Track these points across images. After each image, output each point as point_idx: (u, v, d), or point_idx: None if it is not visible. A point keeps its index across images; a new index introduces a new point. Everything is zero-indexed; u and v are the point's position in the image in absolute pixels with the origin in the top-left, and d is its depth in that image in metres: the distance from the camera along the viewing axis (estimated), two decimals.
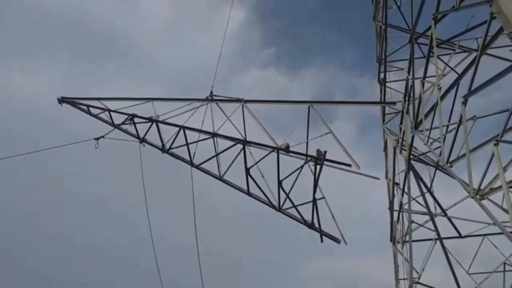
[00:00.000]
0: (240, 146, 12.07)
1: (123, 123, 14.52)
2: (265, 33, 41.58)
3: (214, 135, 12.95)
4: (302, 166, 10.86)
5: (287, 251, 30.01)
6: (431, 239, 12.25)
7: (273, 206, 11.57)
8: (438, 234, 11.59)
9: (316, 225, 10.91)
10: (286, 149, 11.33)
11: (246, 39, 39.15)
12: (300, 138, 11.75)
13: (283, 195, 11.26)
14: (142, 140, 14.28)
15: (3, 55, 34.40)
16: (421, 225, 12.96)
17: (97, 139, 14.67)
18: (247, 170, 11.77)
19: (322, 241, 10.82)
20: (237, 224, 29.48)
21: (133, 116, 14.35)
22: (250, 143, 12.06)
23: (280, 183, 11.12)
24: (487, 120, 10.70)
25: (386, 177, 14.87)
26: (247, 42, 39.21)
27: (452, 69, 10.55)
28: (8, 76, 32.78)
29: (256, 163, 11.69)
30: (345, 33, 41.27)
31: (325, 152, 10.50)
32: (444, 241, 11.64)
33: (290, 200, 11.15)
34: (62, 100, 15.61)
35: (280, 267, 30.18)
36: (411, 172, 11.85)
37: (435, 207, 13.12)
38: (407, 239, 12.01)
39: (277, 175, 11.15)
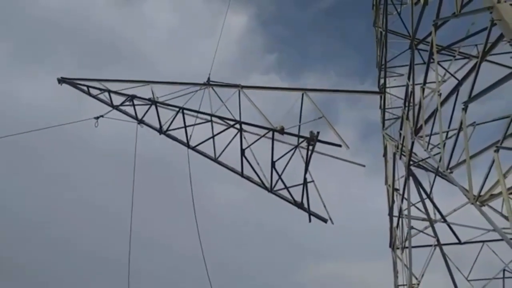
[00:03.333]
0: (235, 131, 12.38)
1: (122, 104, 14.75)
2: (267, 40, 41.85)
3: (211, 116, 13.23)
4: (296, 147, 11.23)
5: (283, 256, 30.06)
6: (430, 245, 12.22)
7: (265, 187, 11.92)
8: (438, 240, 11.58)
9: (306, 205, 11.30)
10: (281, 130, 11.64)
11: (248, 45, 39.35)
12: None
13: (275, 177, 11.63)
14: (140, 121, 14.50)
15: (9, 62, 34.54)
16: (420, 231, 12.93)
17: (97, 118, 14.97)
18: (242, 151, 12.04)
19: (310, 220, 11.28)
20: (233, 230, 29.51)
21: (133, 97, 14.54)
22: (246, 124, 12.34)
23: (273, 164, 11.47)
24: (487, 126, 10.72)
25: (386, 183, 14.84)
26: (249, 48, 39.39)
27: (452, 75, 10.55)
28: (12, 82, 32.89)
29: (252, 143, 12.04)
30: (345, 40, 41.44)
31: (318, 133, 10.84)
32: (444, 247, 11.64)
33: (282, 181, 11.49)
34: (62, 80, 15.74)
35: (277, 272, 30.17)
36: (411, 178, 11.84)
37: (434, 213, 13.10)
38: (407, 245, 11.98)
39: (271, 155, 11.49)
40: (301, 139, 11.19)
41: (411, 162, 11.89)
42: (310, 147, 10.88)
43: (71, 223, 27.90)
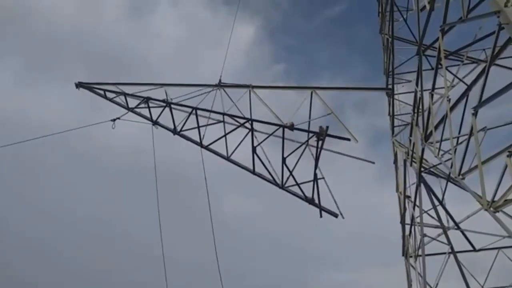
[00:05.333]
0: (246, 130, 12.66)
1: (137, 106, 15.22)
2: (275, 50, 42.02)
3: (223, 115, 13.58)
4: (306, 142, 11.45)
5: (295, 265, 29.85)
6: (444, 253, 12.02)
7: (276, 184, 12.15)
8: (452, 247, 11.39)
9: (316, 201, 11.48)
10: (291, 127, 11.85)
11: (256, 55, 39.54)
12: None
13: (286, 175, 11.84)
14: (155, 123, 14.94)
15: (19, 77, 35.10)
16: (433, 239, 12.73)
17: (114, 120, 15.48)
18: (254, 149, 12.30)
19: (321, 216, 11.44)
20: (245, 240, 29.40)
21: (148, 99, 15.01)
22: (257, 121, 12.65)
23: (284, 160, 11.68)
24: (498, 131, 10.59)
25: (397, 190, 14.70)
26: (257, 58, 39.58)
27: (461, 80, 10.49)
28: (22, 97, 33.34)
29: (263, 140, 12.30)
30: (353, 47, 41.38)
31: (327, 127, 10.99)
32: (458, 254, 11.43)
33: (293, 177, 11.72)
34: (79, 85, 16.20)
35: (288, 281, 29.92)
36: (422, 185, 11.71)
37: (447, 220, 12.91)
38: (420, 253, 11.81)
39: (282, 152, 11.68)
40: (310, 134, 11.38)
41: (422, 169, 11.77)
42: (320, 142, 11.06)
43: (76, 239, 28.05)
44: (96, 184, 28.60)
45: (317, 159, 11.20)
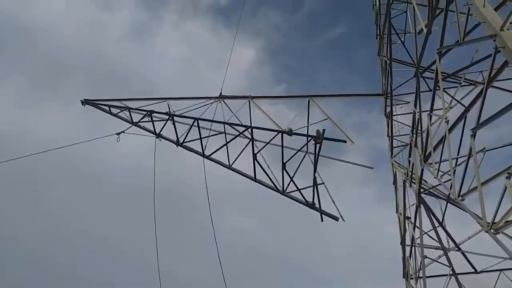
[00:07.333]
0: (246, 141, 13.01)
1: (140, 120, 15.72)
2: (276, 71, 42.41)
3: (224, 124, 14.02)
4: (305, 145, 11.74)
5: (294, 284, 29.53)
6: (445, 275, 11.92)
7: (277, 190, 12.46)
8: (453, 269, 11.30)
9: (317, 205, 11.71)
10: (289, 132, 12.17)
11: (258, 76, 39.95)
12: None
13: (286, 182, 12.12)
14: (158, 135, 15.44)
15: (22, 97, 35.32)
16: (434, 260, 12.64)
17: (118, 134, 15.92)
18: (254, 156, 12.60)
19: (322, 220, 11.67)
20: (242, 258, 29.13)
21: (151, 112, 15.51)
22: (256, 128, 13.03)
23: (284, 165, 11.97)
24: (497, 152, 10.64)
25: (397, 211, 14.65)
26: (258, 79, 39.97)
27: (459, 102, 10.56)
28: (24, 116, 33.46)
29: (264, 146, 12.59)
30: (352, 69, 41.76)
31: (324, 130, 11.25)
32: (459, 276, 11.33)
33: (294, 183, 12.00)
34: (85, 102, 16.63)
35: None
36: (422, 206, 11.68)
37: (448, 242, 12.82)
38: (421, 274, 11.69)
39: (282, 157, 11.95)
40: (309, 138, 11.60)
41: (422, 190, 11.76)
42: (318, 146, 11.28)
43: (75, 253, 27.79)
44: (99, 201, 28.57)
45: (315, 163, 11.43)
